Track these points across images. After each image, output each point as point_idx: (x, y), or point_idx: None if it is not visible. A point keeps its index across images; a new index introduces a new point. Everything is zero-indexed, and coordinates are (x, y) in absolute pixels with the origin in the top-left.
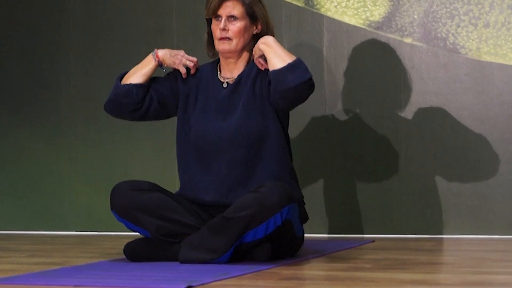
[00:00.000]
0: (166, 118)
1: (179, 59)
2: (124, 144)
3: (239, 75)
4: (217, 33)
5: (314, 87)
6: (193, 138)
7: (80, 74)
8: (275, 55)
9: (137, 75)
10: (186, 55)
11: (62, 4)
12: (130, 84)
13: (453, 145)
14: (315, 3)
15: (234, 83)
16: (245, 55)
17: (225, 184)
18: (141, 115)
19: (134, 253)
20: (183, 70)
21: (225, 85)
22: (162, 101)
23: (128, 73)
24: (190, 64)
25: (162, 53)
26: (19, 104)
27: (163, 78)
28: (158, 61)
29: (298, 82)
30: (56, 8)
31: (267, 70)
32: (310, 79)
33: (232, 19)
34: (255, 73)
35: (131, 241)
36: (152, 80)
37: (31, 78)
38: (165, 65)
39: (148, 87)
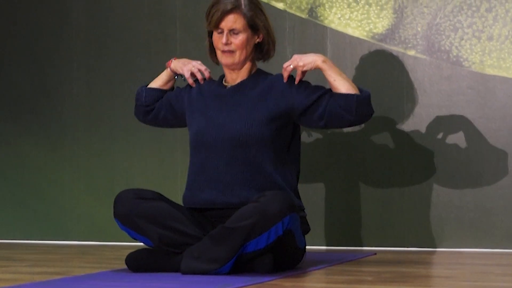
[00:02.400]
0: (176, 126)
1: (188, 67)
2: (126, 153)
3: (243, 80)
4: (219, 45)
5: None
6: (193, 135)
7: (83, 83)
8: (342, 79)
9: (154, 81)
10: (198, 65)
11: (65, 12)
12: (144, 87)
13: (455, 158)
14: (318, 14)
15: (237, 84)
16: (248, 65)
17: (223, 182)
18: (151, 119)
19: (136, 264)
20: (186, 75)
21: (228, 87)
22: (169, 110)
23: None
24: (194, 70)
25: (175, 61)
26: (21, 113)
27: (179, 89)
28: (170, 68)
29: (370, 113)
30: (59, 16)
31: (292, 81)
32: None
33: (234, 32)
34: (269, 83)
35: (133, 252)
36: (171, 89)
37: (34, 86)
38: (175, 71)
39: (162, 93)
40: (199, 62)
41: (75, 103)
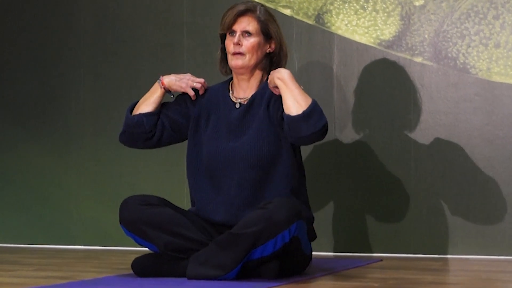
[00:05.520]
0: (180, 141)
1: (185, 82)
2: (132, 159)
3: (252, 96)
4: (230, 47)
5: (327, 131)
6: (205, 158)
7: (90, 89)
8: (291, 97)
9: (145, 104)
10: (192, 77)
11: (72, 19)
12: (140, 114)
13: (461, 165)
14: (325, 21)
15: (247, 104)
16: (258, 74)
17: (234, 204)
18: (154, 143)
19: (142, 269)
20: (191, 93)
21: (237, 106)
22: (174, 127)
23: (138, 103)
24: (198, 86)
25: (167, 79)
26: (28, 118)
27: (173, 103)
28: (164, 88)
29: (312, 131)
30: (66, 23)
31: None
32: (324, 125)
33: (246, 34)
34: (269, 95)
35: (139, 257)
36: (162, 106)
37: (40, 92)
38: (173, 91)
39: (159, 114)
40: (189, 74)
41: (81, 109)
